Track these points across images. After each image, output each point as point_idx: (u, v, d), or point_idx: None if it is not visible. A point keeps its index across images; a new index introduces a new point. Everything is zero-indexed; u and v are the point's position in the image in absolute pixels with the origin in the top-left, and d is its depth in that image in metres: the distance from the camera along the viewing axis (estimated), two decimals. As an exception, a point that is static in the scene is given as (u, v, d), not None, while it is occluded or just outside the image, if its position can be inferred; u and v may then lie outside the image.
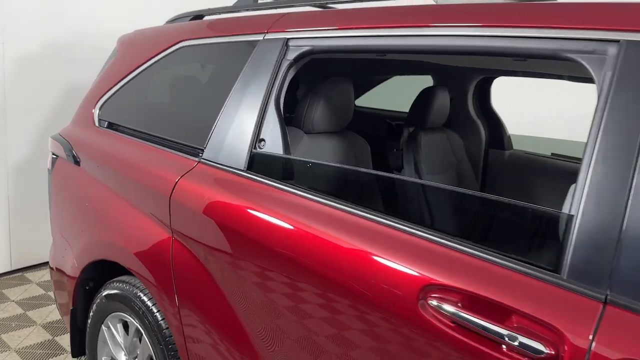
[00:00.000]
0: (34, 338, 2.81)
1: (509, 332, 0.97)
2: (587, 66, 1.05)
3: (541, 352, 0.92)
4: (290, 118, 1.91)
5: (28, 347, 2.72)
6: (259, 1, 2.03)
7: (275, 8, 1.87)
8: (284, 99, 1.59)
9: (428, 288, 1.09)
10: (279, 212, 1.42)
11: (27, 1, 3.31)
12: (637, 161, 0.94)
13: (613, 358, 0.86)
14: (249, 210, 1.48)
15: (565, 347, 0.91)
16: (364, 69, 3.05)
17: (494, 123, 2.74)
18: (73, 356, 2.30)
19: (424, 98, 2.42)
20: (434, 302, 1.07)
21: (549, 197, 2.55)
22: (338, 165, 1.54)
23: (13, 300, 3.21)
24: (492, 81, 2.71)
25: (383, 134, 2.80)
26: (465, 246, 1.09)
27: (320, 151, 1.87)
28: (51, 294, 3.30)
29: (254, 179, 1.55)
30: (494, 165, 2.73)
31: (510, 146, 2.73)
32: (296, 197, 1.43)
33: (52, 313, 3.08)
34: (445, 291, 1.06)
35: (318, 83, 1.84)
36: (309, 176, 1.53)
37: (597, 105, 1.01)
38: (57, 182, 2.36)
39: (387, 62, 2.63)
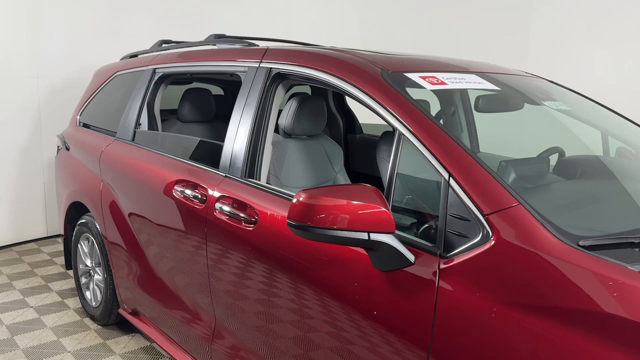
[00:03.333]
0: (54, 271, 4.26)
1: (195, 193, 2.24)
2: (242, 78, 2.31)
3: (198, 197, 2.20)
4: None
5: (50, 275, 4.17)
6: (163, 45, 3.39)
7: (171, 49, 3.20)
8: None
9: (177, 182, 2.37)
10: (144, 160, 2.73)
11: (54, 48, 4.82)
12: (240, 120, 2.19)
13: (222, 194, 2.12)
14: (131, 161, 2.82)
15: (208, 194, 2.18)
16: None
17: (350, 116, 3.94)
18: (67, 269, 3.71)
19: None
20: (178, 187, 2.36)
21: (383, 164, 3.71)
22: (174, 134, 2.83)
23: (46, 253, 4.70)
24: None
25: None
26: (197, 164, 2.37)
27: (190, 133, 3.18)
28: (71, 249, 4.76)
29: (135, 144, 2.89)
30: (351, 144, 3.93)
31: (361, 131, 3.92)
32: (154, 153, 2.74)
33: (69, 258, 4.53)
34: (182, 182, 2.35)
35: (185, 91, 3.17)
36: (161, 142, 2.84)
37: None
38: (59, 164, 3.79)
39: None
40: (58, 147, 3.83)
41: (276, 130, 2.39)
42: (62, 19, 4.83)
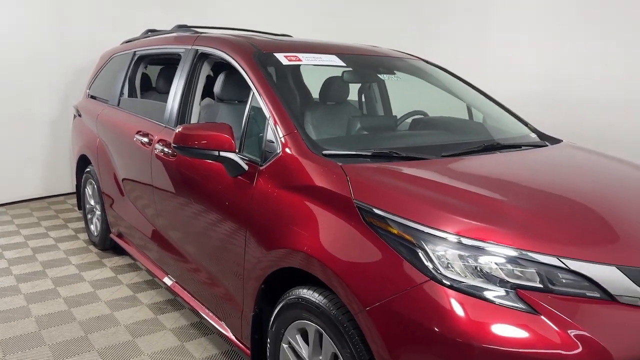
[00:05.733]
0: (73, 215, 5.33)
1: (146, 138, 3.18)
2: (182, 57, 3.21)
3: (147, 141, 3.13)
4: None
5: (69, 218, 5.24)
6: (149, 33, 4.33)
7: (148, 36, 4.14)
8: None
9: (137, 132, 3.32)
10: (122, 119, 3.69)
11: (78, 35, 5.84)
12: (176, 87, 3.11)
13: (160, 138, 3.05)
14: (115, 120, 3.79)
15: (153, 139, 3.11)
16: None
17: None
18: (78, 209, 4.76)
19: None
20: (137, 136, 3.31)
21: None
22: (142, 99, 3.77)
23: (69, 203, 5.79)
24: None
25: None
26: (150, 119, 3.30)
27: (163, 101, 4.12)
28: (89, 200, 5.83)
29: (119, 108, 3.86)
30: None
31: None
32: (128, 114, 3.69)
33: (86, 207, 5.60)
34: (140, 132, 3.29)
35: (160, 69, 4.11)
36: (134, 106, 3.78)
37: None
38: (73, 128, 4.83)
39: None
40: (74, 115, 4.86)
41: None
42: (85, 9, 5.85)
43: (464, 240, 1.60)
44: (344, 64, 2.88)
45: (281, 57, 2.70)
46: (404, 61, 3.32)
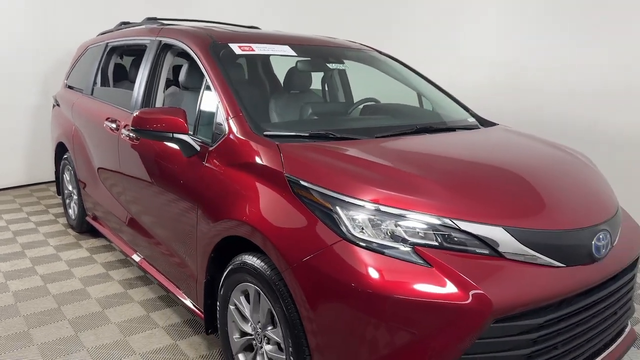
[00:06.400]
0: (54, 202, 5.54)
1: (114, 124, 3.39)
2: (148, 48, 3.42)
3: (115, 127, 3.35)
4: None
5: (50, 204, 5.44)
6: (122, 25, 4.52)
7: (121, 28, 4.34)
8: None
9: (107, 118, 3.53)
10: (94, 107, 3.90)
11: (58, 29, 6.02)
12: (141, 76, 3.32)
13: (126, 124, 3.27)
14: (89, 108, 4.00)
15: (120, 124, 3.33)
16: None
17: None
18: (57, 194, 4.96)
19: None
20: (106, 122, 3.52)
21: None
22: (112, 88, 3.98)
23: (51, 191, 5.99)
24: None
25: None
26: (119, 107, 3.51)
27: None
28: (70, 187, 6.03)
29: (93, 97, 4.06)
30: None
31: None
32: (100, 102, 3.90)
33: (67, 194, 5.80)
34: (109, 118, 3.50)
35: (132, 60, 4.31)
36: (106, 94, 3.99)
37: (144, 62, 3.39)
38: (52, 117, 5.02)
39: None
40: (53, 104, 5.06)
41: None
42: (67, 1, 6.02)
43: (373, 206, 1.84)
44: (295, 54, 3.10)
45: (235, 47, 2.92)
46: (358, 51, 3.55)
